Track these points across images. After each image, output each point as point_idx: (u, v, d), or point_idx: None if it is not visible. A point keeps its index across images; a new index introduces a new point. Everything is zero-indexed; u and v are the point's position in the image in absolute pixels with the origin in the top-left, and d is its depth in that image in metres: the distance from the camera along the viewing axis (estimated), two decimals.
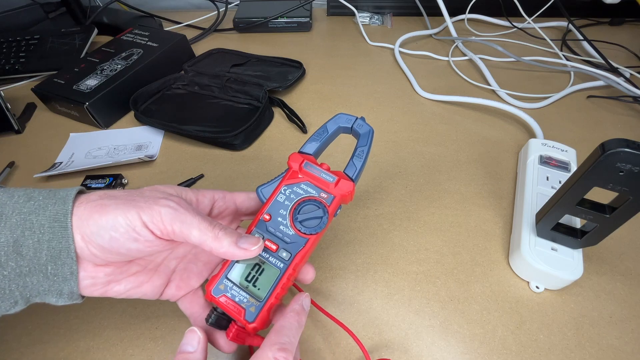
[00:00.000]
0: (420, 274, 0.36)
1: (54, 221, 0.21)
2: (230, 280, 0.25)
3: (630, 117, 0.52)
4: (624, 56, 0.64)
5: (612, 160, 0.24)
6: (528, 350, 0.31)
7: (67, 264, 0.22)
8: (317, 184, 0.27)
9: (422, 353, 0.31)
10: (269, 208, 0.26)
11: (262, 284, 0.25)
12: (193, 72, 0.58)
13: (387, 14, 0.78)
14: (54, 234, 0.21)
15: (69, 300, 0.23)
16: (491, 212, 0.41)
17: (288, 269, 0.25)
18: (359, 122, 0.29)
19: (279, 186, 0.27)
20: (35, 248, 0.21)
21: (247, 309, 0.24)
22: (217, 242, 0.23)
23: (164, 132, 0.52)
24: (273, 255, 0.25)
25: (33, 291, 0.22)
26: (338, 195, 0.26)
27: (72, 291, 0.23)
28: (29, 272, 0.21)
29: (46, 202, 0.22)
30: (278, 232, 0.26)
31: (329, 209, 0.26)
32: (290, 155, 0.28)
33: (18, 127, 0.53)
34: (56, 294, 0.22)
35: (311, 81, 0.61)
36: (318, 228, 0.25)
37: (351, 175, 0.27)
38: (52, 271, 0.22)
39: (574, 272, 0.32)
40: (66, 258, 0.22)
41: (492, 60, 0.63)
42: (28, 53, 0.64)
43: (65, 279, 0.22)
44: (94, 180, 0.44)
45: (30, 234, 0.21)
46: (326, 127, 0.29)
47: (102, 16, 0.74)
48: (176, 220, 0.22)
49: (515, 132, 0.50)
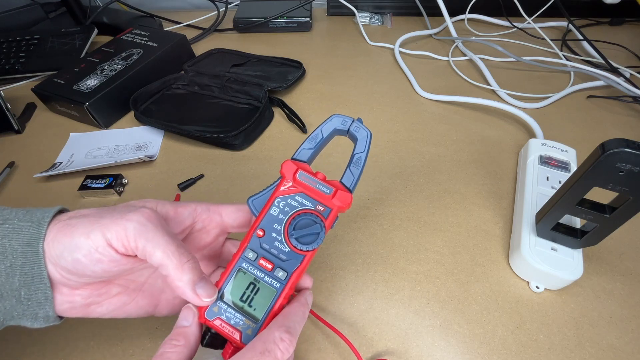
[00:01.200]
0: (420, 274, 0.36)
1: (26, 245, 0.21)
2: (224, 301, 0.24)
3: (630, 117, 0.52)
4: (624, 56, 0.64)
5: (612, 160, 0.24)
6: (528, 350, 0.31)
7: (40, 290, 0.21)
8: (312, 196, 0.25)
9: (422, 353, 0.31)
10: (262, 222, 0.25)
11: (258, 304, 0.23)
12: (193, 72, 0.58)
13: (387, 14, 0.78)
14: (27, 259, 0.21)
15: (45, 323, 0.23)
16: (491, 212, 0.41)
17: (285, 289, 0.24)
18: (355, 124, 0.27)
19: (271, 198, 0.25)
20: (8, 273, 0.21)
21: (243, 331, 0.23)
22: (179, 272, 0.21)
23: (164, 132, 0.52)
24: (268, 274, 0.24)
25: (7, 315, 0.21)
26: (335, 207, 0.25)
27: (47, 315, 0.22)
28: (1, 297, 0.21)
29: (21, 225, 0.21)
30: (273, 249, 0.24)
31: (325, 223, 0.25)
32: (283, 164, 0.26)
33: (18, 127, 0.53)
34: (31, 318, 0.22)
35: (311, 81, 0.61)
36: (315, 244, 0.24)
37: (349, 185, 0.26)
38: (26, 296, 0.21)
39: (574, 272, 0.32)
40: (39, 284, 0.21)
41: (492, 60, 0.63)
42: (28, 53, 0.64)
43: (39, 303, 0.21)
44: (94, 180, 0.44)
45: (3, 258, 0.21)
46: (320, 130, 0.27)
47: (102, 16, 0.74)
48: (141, 236, 0.21)
49: (515, 132, 0.50)
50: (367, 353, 0.31)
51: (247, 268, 0.24)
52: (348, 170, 0.26)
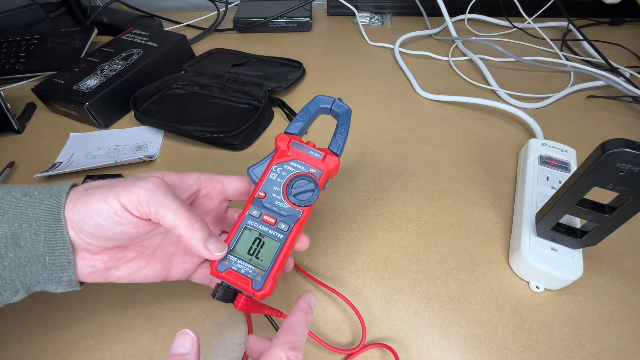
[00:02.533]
0: (420, 274, 0.36)
1: (48, 214, 0.22)
2: (234, 254, 0.26)
3: (630, 117, 0.52)
4: (624, 56, 0.64)
5: (612, 160, 0.24)
6: (528, 350, 0.31)
7: (64, 254, 0.23)
8: (305, 161, 0.28)
9: (422, 353, 0.31)
10: (262, 186, 0.28)
11: (264, 256, 0.26)
12: (193, 72, 0.58)
13: (387, 14, 0.78)
14: (49, 226, 0.22)
15: (68, 288, 0.24)
16: (491, 212, 0.41)
17: (287, 240, 0.27)
18: (337, 102, 0.30)
19: (269, 165, 0.28)
20: (33, 240, 0.22)
21: (253, 279, 0.26)
22: (190, 231, 0.23)
23: (164, 132, 0.52)
24: (272, 228, 0.27)
25: (33, 280, 0.23)
26: (325, 169, 0.28)
27: (70, 279, 0.24)
28: (28, 263, 0.22)
29: (41, 196, 0.23)
30: (274, 207, 0.27)
31: (319, 182, 0.28)
32: (278, 136, 0.29)
33: (18, 127, 0.53)
34: (55, 282, 0.23)
35: (311, 81, 0.61)
36: (311, 200, 0.27)
37: (336, 150, 0.29)
38: (50, 261, 0.23)
39: (574, 272, 0.32)
40: (62, 249, 0.23)
41: (492, 60, 0.63)
42: (28, 53, 0.64)
43: (63, 267, 0.23)
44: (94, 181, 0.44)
45: (27, 226, 0.22)
46: (307, 108, 0.30)
47: (102, 16, 0.74)
48: (153, 201, 0.23)
49: (515, 132, 0.50)
50: (367, 353, 0.31)
51: (252, 225, 0.27)
52: (334, 138, 0.29)
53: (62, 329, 0.32)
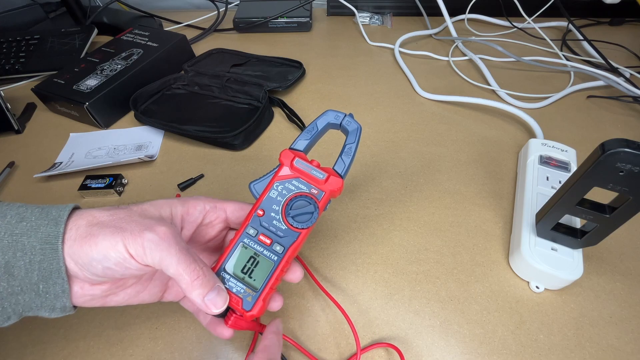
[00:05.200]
0: (420, 274, 0.36)
1: (45, 243, 0.22)
2: (227, 272, 0.26)
3: (630, 117, 0.52)
4: (624, 56, 0.64)
5: (612, 160, 0.24)
6: (528, 350, 0.31)
7: (58, 284, 0.22)
8: (307, 180, 0.28)
9: (422, 353, 0.31)
10: (262, 204, 0.27)
11: (257, 275, 0.26)
12: (193, 72, 0.58)
13: (387, 14, 0.78)
14: (45, 255, 0.22)
15: (61, 314, 0.24)
16: (491, 212, 0.41)
17: (281, 261, 0.26)
18: (347, 119, 0.29)
19: (271, 182, 0.28)
20: (27, 269, 0.22)
21: (244, 298, 0.25)
22: (190, 287, 0.23)
23: (164, 132, 0.52)
24: (267, 248, 0.26)
25: (25, 307, 0.22)
26: (328, 191, 0.27)
27: (64, 306, 0.23)
28: (21, 291, 0.22)
29: (38, 222, 0.22)
30: (272, 227, 0.27)
31: (319, 204, 0.27)
32: (282, 152, 0.28)
33: (18, 127, 0.53)
34: (48, 309, 0.23)
35: (311, 81, 0.61)
36: (309, 222, 0.27)
37: (340, 171, 0.28)
38: (44, 289, 0.22)
39: (574, 272, 0.32)
40: (57, 278, 0.22)
41: (492, 60, 0.63)
42: (28, 53, 0.64)
43: (57, 296, 0.23)
44: (94, 180, 0.44)
45: (22, 255, 0.21)
46: (316, 123, 0.29)
47: (102, 16, 0.74)
48: (157, 253, 0.23)
49: (515, 132, 0.50)
50: (367, 352, 0.31)
51: (248, 243, 0.26)
52: (340, 158, 0.28)
53: (62, 329, 0.32)
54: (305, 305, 0.34)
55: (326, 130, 0.30)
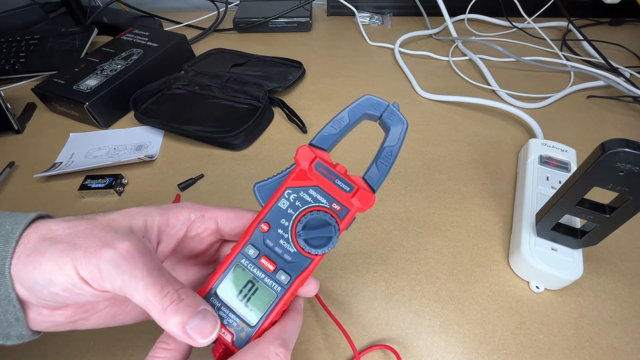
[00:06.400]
0: (420, 274, 0.36)
1: None
2: (218, 298, 0.21)
3: (630, 117, 0.52)
4: (624, 56, 0.64)
5: (612, 160, 0.24)
6: (528, 350, 0.31)
7: (9, 312, 0.19)
8: (329, 192, 0.22)
9: (422, 353, 0.31)
10: (267, 215, 0.22)
11: (255, 306, 0.21)
12: (193, 72, 0.58)
13: (387, 14, 0.78)
14: None
15: (19, 341, 0.20)
16: (491, 212, 0.41)
17: (286, 294, 0.21)
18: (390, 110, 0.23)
19: (281, 188, 0.22)
20: None
21: (236, 334, 0.21)
22: (163, 317, 0.18)
23: (164, 132, 0.52)
24: (269, 276, 0.21)
25: None
26: (354, 208, 0.21)
27: (20, 334, 0.20)
28: None
29: None
30: (277, 247, 0.21)
31: (340, 225, 0.21)
32: (299, 149, 0.22)
33: (18, 127, 0.53)
34: (3, 337, 0.20)
35: (311, 81, 0.61)
36: (326, 249, 0.21)
37: (373, 184, 0.22)
38: None
39: (574, 272, 0.32)
40: (7, 306, 0.19)
41: (492, 60, 0.63)
42: (28, 53, 0.64)
43: (9, 324, 0.19)
44: (94, 180, 0.44)
45: None
46: (347, 113, 0.23)
47: (102, 16, 0.74)
48: (117, 276, 0.18)
49: (515, 132, 0.50)
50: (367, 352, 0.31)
51: (246, 265, 0.21)
52: (374, 165, 0.22)
53: None
54: None
55: (359, 121, 0.24)
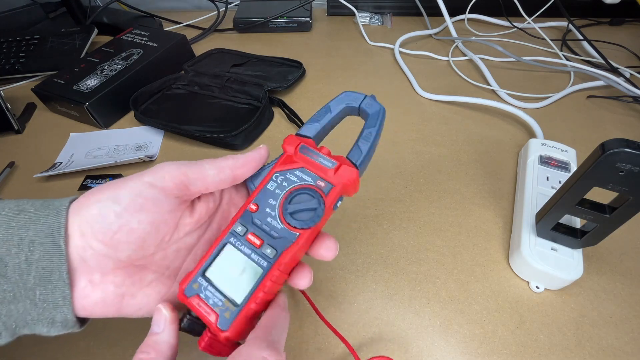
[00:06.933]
0: (420, 274, 0.36)
1: (45, 236, 0.19)
2: (206, 278, 0.21)
3: (630, 117, 0.52)
4: (624, 56, 0.64)
5: (612, 160, 0.24)
6: (528, 350, 0.31)
7: (58, 288, 0.19)
8: (313, 170, 0.23)
9: (422, 353, 0.31)
10: (257, 197, 0.23)
11: (240, 286, 0.21)
12: (193, 72, 0.58)
13: (387, 14, 0.78)
14: (45, 251, 0.19)
15: (63, 329, 0.20)
16: (491, 212, 0.41)
17: (272, 270, 0.21)
18: (367, 100, 0.24)
19: (270, 173, 0.23)
20: (22, 269, 0.18)
21: (220, 314, 0.20)
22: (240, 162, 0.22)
23: (164, 132, 0.52)
24: (256, 251, 0.21)
25: (19, 321, 0.19)
26: (338, 183, 0.22)
27: (65, 318, 0.20)
28: (14, 298, 0.18)
29: (38, 213, 0.19)
30: (265, 224, 0.22)
31: (325, 199, 0.22)
32: (286, 138, 0.24)
33: (18, 127, 0.53)
34: (47, 323, 0.19)
35: (311, 81, 0.61)
36: (311, 222, 0.21)
37: (355, 160, 0.23)
38: (41, 297, 0.19)
39: (574, 272, 0.32)
40: (57, 280, 0.19)
41: (492, 60, 0.63)
42: (28, 53, 0.64)
43: (56, 305, 0.19)
44: (94, 180, 0.44)
45: (17, 251, 0.18)
46: (329, 106, 0.24)
47: (102, 16, 0.74)
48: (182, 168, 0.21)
49: (515, 132, 0.50)
50: (367, 353, 0.31)
51: (234, 243, 0.22)
52: (356, 145, 0.23)
53: None
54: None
55: (343, 115, 0.25)
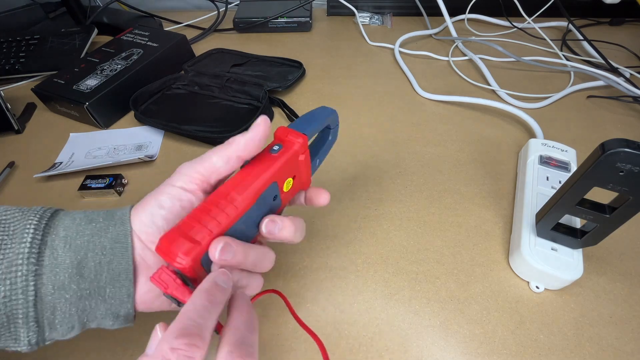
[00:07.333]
0: (420, 274, 0.36)
1: (115, 242, 0.22)
2: None
3: (630, 117, 0.52)
4: (624, 56, 0.64)
5: (612, 160, 0.24)
6: (528, 350, 0.31)
7: (125, 286, 0.22)
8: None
9: (422, 353, 0.31)
10: None
11: None
12: (193, 72, 0.58)
13: (387, 14, 0.78)
14: (115, 255, 0.22)
15: (124, 323, 0.23)
16: (491, 212, 0.41)
17: None
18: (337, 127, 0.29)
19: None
20: (96, 270, 0.22)
21: None
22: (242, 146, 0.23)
23: (164, 132, 0.52)
24: None
25: (90, 315, 0.22)
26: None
27: (128, 313, 0.23)
28: (89, 295, 0.22)
29: (106, 223, 0.23)
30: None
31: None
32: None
33: (18, 127, 0.53)
34: (113, 317, 0.23)
35: (311, 81, 0.61)
36: None
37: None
38: (110, 294, 0.22)
39: (574, 272, 0.32)
40: (125, 280, 0.22)
41: (492, 60, 0.63)
42: (28, 53, 0.64)
43: (122, 302, 0.22)
44: (94, 180, 0.44)
45: (93, 255, 0.22)
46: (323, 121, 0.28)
47: (102, 16, 0.74)
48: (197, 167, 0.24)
49: (515, 132, 0.50)
50: (367, 353, 0.31)
51: None
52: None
53: None
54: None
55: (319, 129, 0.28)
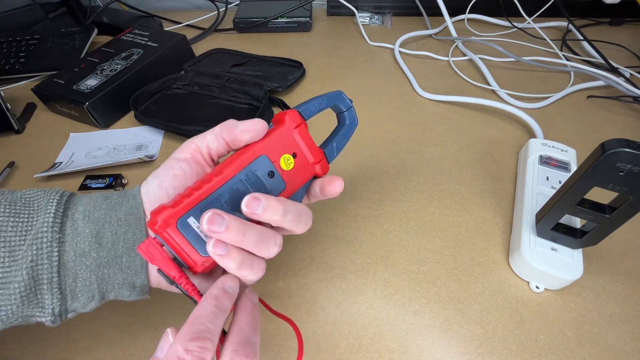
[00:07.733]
0: (420, 274, 0.36)
1: (129, 215, 0.24)
2: None
3: (630, 117, 0.52)
4: (624, 56, 0.64)
5: (612, 160, 0.24)
6: (528, 350, 0.31)
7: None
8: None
9: (422, 353, 0.31)
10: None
11: None
12: (193, 72, 0.58)
13: (387, 14, 0.78)
14: (130, 226, 0.24)
15: (140, 294, 0.25)
16: (491, 212, 0.41)
17: None
18: (352, 111, 0.30)
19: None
20: (114, 240, 0.23)
21: None
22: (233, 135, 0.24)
23: (164, 132, 0.52)
24: None
25: (109, 285, 0.24)
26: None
27: (143, 284, 0.24)
28: (107, 264, 0.23)
29: (120, 200, 0.25)
30: None
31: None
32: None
33: (18, 127, 0.53)
34: (129, 287, 0.24)
35: (311, 81, 0.61)
36: None
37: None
38: (127, 263, 0.24)
39: (574, 272, 0.32)
40: None
41: (492, 60, 0.63)
42: (28, 53, 0.64)
43: (137, 272, 0.24)
44: (94, 180, 0.44)
45: (110, 226, 0.24)
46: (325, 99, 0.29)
47: (102, 16, 0.74)
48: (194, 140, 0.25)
49: (515, 132, 0.50)
50: (367, 353, 0.31)
51: None
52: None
53: (62, 329, 0.32)
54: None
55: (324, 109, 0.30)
